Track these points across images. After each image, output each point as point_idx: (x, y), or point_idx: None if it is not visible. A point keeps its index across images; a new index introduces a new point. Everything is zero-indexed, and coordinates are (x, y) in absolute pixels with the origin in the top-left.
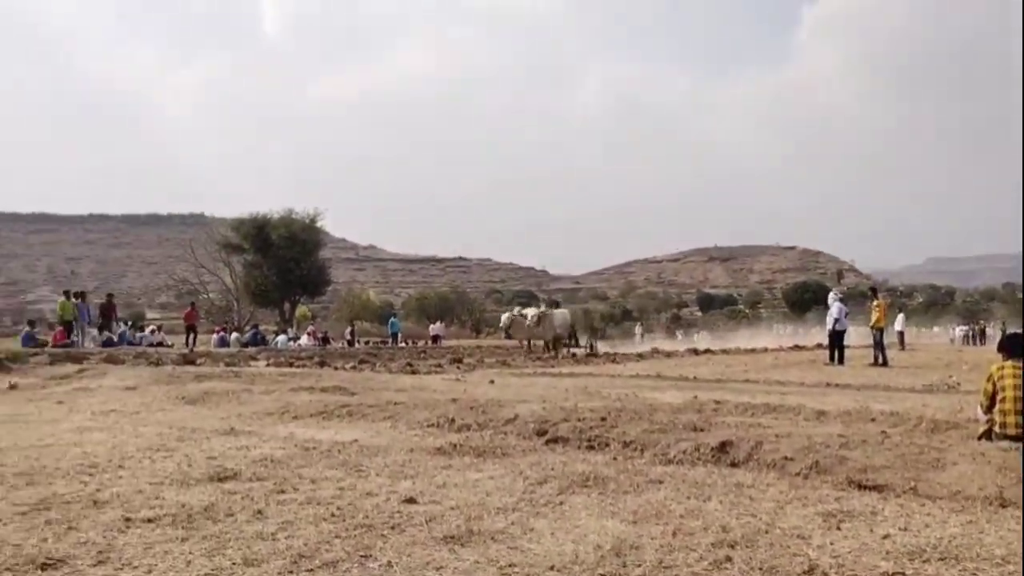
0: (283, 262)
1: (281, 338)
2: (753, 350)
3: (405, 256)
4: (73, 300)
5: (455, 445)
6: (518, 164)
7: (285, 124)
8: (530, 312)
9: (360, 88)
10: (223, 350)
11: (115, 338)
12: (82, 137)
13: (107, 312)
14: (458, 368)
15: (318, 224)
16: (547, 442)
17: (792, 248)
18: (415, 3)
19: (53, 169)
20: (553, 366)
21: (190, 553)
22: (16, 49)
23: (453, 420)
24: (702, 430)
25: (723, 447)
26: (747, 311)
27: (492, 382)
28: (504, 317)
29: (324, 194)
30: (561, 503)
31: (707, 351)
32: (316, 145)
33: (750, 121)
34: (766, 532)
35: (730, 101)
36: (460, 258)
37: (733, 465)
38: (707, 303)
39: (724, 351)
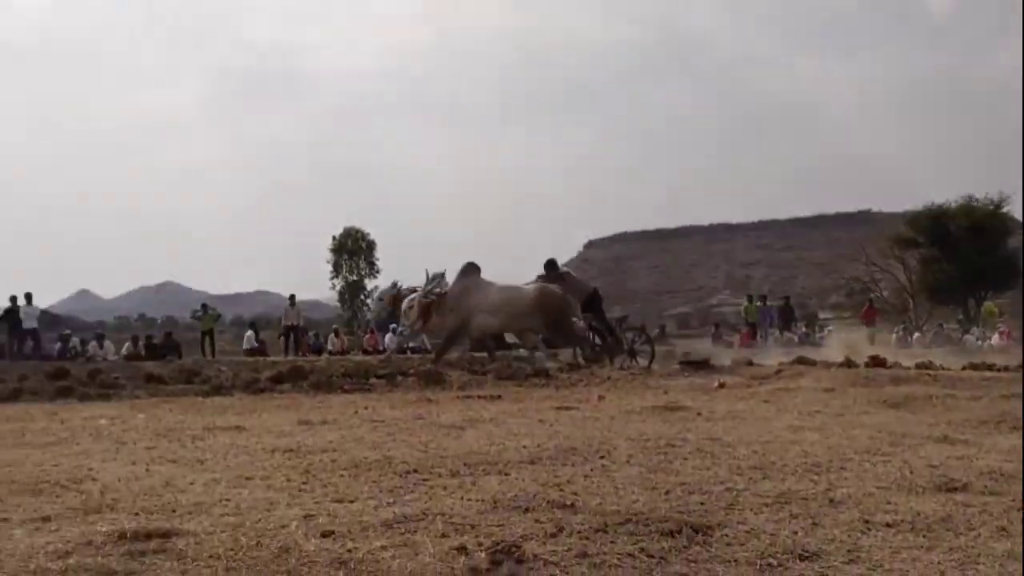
0: (964, 255)
1: (968, 338)
2: None
3: None
4: (756, 303)
5: None
6: None
7: (960, 104)
8: (412, 294)
9: None
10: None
11: (796, 339)
12: (751, 149)
13: (786, 314)
14: None
15: (1004, 210)
16: None
17: None
18: None
19: (727, 181)
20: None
21: (939, 563)
22: (688, 75)
23: None
24: None
25: None
26: None
27: None
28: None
29: (1011, 175)
30: None
31: None
32: (1001, 119)
33: None
34: None
35: None
36: None
37: None
38: None
39: None
